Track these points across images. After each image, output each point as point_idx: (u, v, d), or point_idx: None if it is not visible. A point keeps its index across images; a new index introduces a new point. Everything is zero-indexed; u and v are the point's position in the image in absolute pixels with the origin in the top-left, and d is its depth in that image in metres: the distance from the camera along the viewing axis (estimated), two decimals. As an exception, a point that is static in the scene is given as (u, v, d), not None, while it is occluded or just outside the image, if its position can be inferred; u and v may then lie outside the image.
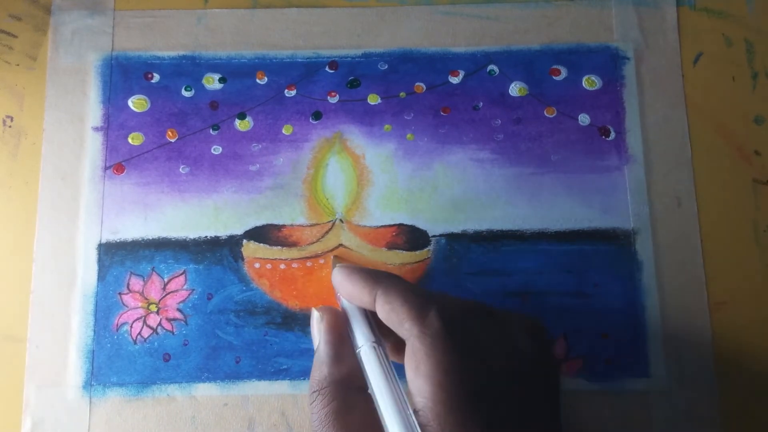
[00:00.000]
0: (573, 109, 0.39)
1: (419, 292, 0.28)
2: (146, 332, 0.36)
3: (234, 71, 0.40)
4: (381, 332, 0.30)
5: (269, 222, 0.38)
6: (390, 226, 0.38)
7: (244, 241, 0.38)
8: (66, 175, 0.38)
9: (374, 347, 0.29)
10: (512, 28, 0.40)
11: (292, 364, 0.36)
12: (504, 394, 0.26)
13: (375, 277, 0.29)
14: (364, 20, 0.40)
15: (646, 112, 0.39)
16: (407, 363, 0.26)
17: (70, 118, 0.39)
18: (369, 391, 0.27)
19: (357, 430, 0.27)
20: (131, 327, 0.37)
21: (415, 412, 0.25)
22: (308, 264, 0.37)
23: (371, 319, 0.30)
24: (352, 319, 0.31)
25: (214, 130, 0.39)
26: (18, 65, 0.40)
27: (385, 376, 0.27)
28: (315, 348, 0.31)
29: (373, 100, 0.39)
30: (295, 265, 0.37)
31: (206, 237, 0.38)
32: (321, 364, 0.29)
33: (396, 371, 0.28)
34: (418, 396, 0.25)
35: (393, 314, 0.27)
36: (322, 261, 0.37)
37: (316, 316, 0.31)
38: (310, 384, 0.29)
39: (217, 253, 0.37)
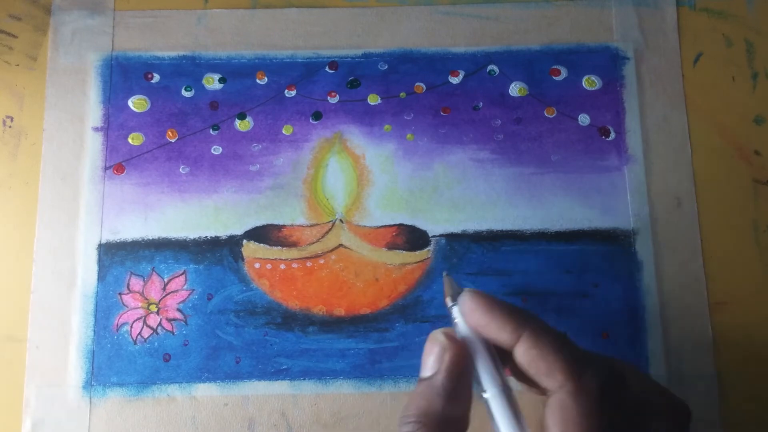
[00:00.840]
0: (573, 109, 0.39)
1: (573, 344, 0.26)
2: (146, 332, 0.36)
3: (234, 71, 0.40)
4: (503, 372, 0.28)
5: (269, 222, 0.38)
6: (390, 226, 0.38)
7: (244, 241, 0.38)
8: (66, 176, 0.38)
9: (506, 392, 0.26)
10: (512, 28, 0.40)
11: (292, 364, 0.36)
12: None
13: (520, 316, 0.27)
14: (364, 20, 0.40)
15: (646, 112, 0.39)
16: (552, 417, 0.25)
17: (70, 118, 0.39)
18: None
19: None
20: (131, 327, 0.37)
21: None
22: (308, 264, 0.37)
23: (497, 358, 0.28)
24: (477, 354, 0.27)
25: (214, 130, 0.39)
26: (18, 65, 0.40)
27: (517, 427, 0.26)
28: (425, 374, 0.28)
29: (373, 100, 0.39)
30: (295, 265, 0.37)
31: (206, 237, 0.38)
32: (434, 395, 0.26)
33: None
34: None
35: (541, 362, 0.25)
36: (322, 261, 0.37)
37: (441, 342, 0.27)
38: (409, 410, 0.26)
39: (217, 253, 0.37)
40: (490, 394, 0.26)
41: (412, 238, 0.38)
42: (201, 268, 0.37)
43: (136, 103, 0.39)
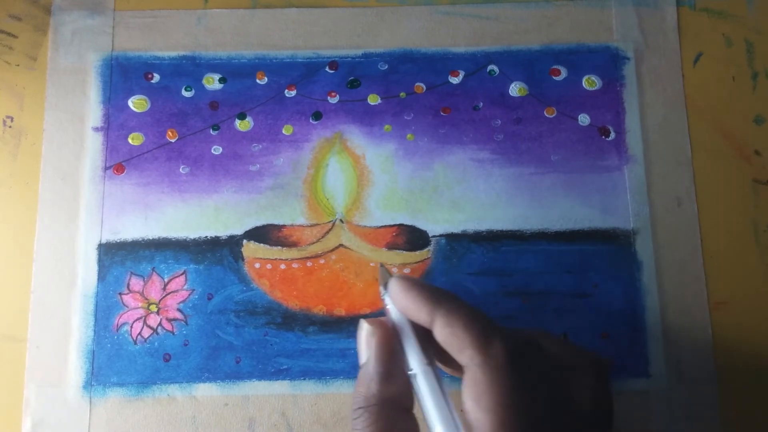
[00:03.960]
0: (573, 109, 0.39)
1: (483, 318, 0.27)
2: (146, 332, 0.36)
3: (234, 71, 0.40)
4: (433, 351, 0.29)
5: (269, 222, 0.38)
6: (390, 226, 0.38)
7: (245, 241, 0.38)
8: (66, 175, 0.38)
9: (429, 370, 0.27)
10: (512, 28, 0.40)
11: (292, 364, 0.36)
12: None
13: (436, 295, 0.28)
14: (364, 20, 0.40)
15: (646, 112, 0.39)
16: (466, 392, 0.26)
17: (70, 118, 0.39)
18: (424, 417, 0.27)
19: None
20: (131, 327, 0.37)
21: None
22: (308, 264, 0.37)
23: (424, 337, 0.29)
24: (404, 336, 0.29)
25: (214, 130, 0.39)
26: (18, 65, 0.40)
27: (441, 403, 0.26)
28: (361, 362, 0.29)
29: (373, 100, 0.39)
30: (295, 265, 0.37)
31: (206, 237, 0.38)
32: (369, 381, 0.28)
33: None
34: (477, 429, 0.25)
35: (454, 339, 0.26)
36: (322, 261, 0.37)
37: (366, 329, 0.29)
38: (355, 399, 0.28)
39: (217, 253, 0.37)
40: (415, 372, 0.28)
41: (412, 238, 0.38)
42: (201, 268, 0.37)
43: (136, 103, 0.39)
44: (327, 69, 0.40)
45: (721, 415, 0.36)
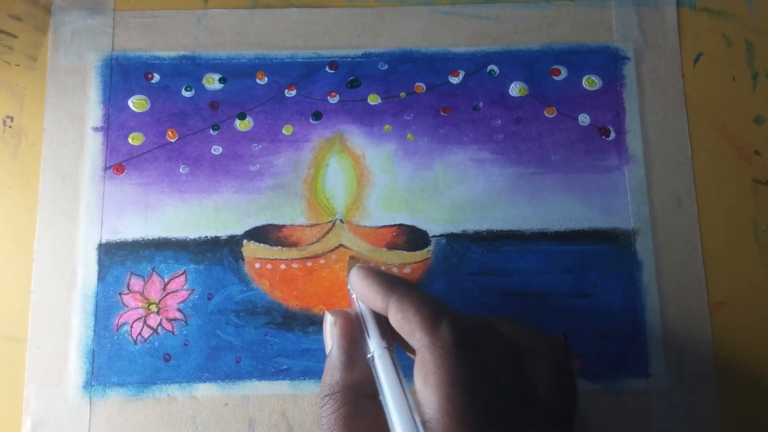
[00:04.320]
0: (573, 109, 0.39)
1: (434, 303, 0.28)
2: (146, 332, 0.36)
3: (234, 71, 0.40)
4: (396, 338, 0.30)
5: (269, 222, 0.38)
6: (390, 226, 0.38)
7: (245, 241, 0.38)
8: (66, 175, 0.38)
9: (386, 353, 0.28)
10: (512, 28, 0.40)
11: (292, 364, 0.36)
12: (511, 414, 0.26)
13: (390, 282, 0.29)
14: (364, 20, 0.40)
15: (646, 112, 0.39)
16: (416, 373, 0.26)
17: (70, 118, 0.39)
18: (381, 399, 0.27)
19: None
20: (131, 327, 0.37)
21: (424, 422, 0.25)
22: (308, 264, 0.37)
23: (385, 323, 0.30)
24: (366, 322, 0.30)
25: (214, 130, 0.39)
26: (18, 65, 0.40)
27: (395, 384, 0.27)
28: (327, 352, 0.31)
29: (373, 100, 0.39)
30: (295, 265, 0.37)
31: (206, 237, 0.38)
32: (333, 369, 0.29)
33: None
34: (426, 407, 0.25)
35: (405, 323, 0.27)
36: (322, 261, 0.37)
37: (329, 319, 0.31)
38: (321, 387, 0.29)
39: (217, 253, 0.37)
40: (373, 355, 0.29)
41: (412, 238, 0.38)
42: (201, 268, 0.37)
43: (136, 103, 0.39)
44: (327, 69, 0.40)
45: (721, 415, 0.36)
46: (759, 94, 0.40)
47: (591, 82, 0.40)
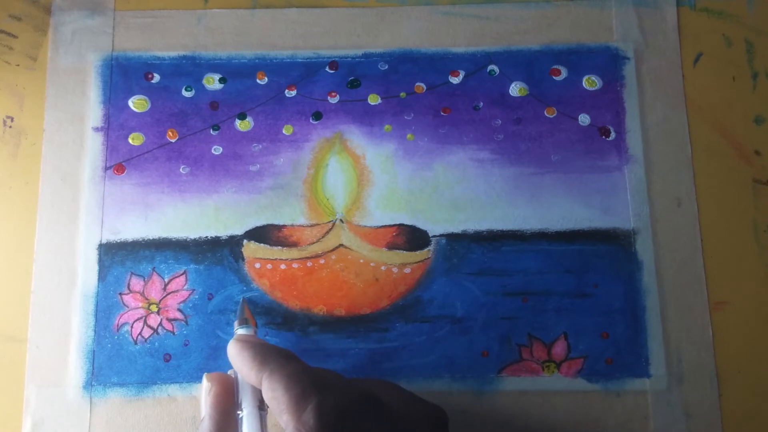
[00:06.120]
0: (573, 109, 0.39)
1: (305, 380, 0.27)
2: (147, 332, 0.36)
3: (234, 71, 0.40)
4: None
5: (269, 222, 0.38)
6: (390, 226, 0.38)
7: (245, 241, 0.38)
8: (66, 176, 0.38)
9: (252, 412, 0.29)
10: (512, 28, 0.40)
11: (292, 364, 0.36)
12: None
13: (264, 357, 0.29)
14: (364, 20, 0.40)
15: (646, 112, 0.39)
16: None
17: (70, 118, 0.39)
18: None
19: None
20: (132, 327, 0.37)
21: None
22: (308, 264, 0.37)
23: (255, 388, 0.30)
24: (241, 383, 0.31)
25: (214, 130, 0.39)
26: (18, 65, 0.40)
27: None
28: (201, 417, 0.31)
29: (374, 100, 0.39)
30: (295, 265, 0.37)
31: (207, 237, 0.38)
32: None
33: None
34: None
35: (274, 402, 0.27)
36: (322, 261, 0.37)
37: (205, 386, 0.32)
38: None
39: (217, 253, 0.37)
40: (241, 415, 0.30)
41: (412, 238, 0.38)
42: (201, 268, 0.37)
43: (137, 103, 0.39)
44: (327, 69, 0.40)
45: (721, 415, 0.36)
46: (759, 94, 0.40)
47: (591, 82, 0.40)
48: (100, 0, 0.40)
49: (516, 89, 0.40)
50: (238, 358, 0.30)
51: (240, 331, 0.33)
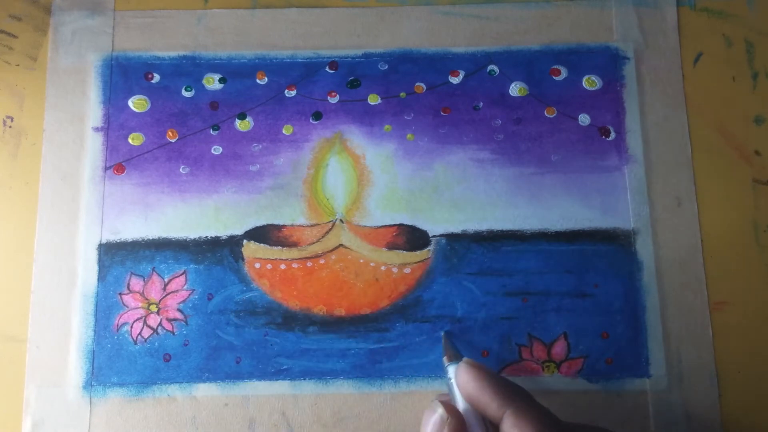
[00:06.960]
0: (573, 109, 0.39)
1: (552, 423, 0.27)
2: (146, 332, 0.36)
3: (234, 71, 0.40)
4: None
5: (269, 222, 0.38)
6: (390, 226, 0.38)
7: (245, 241, 0.38)
8: (66, 176, 0.38)
9: None
10: (512, 28, 0.40)
11: (292, 365, 0.36)
12: None
13: (506, 392, 0.28)
14: (364, 20, 0.40)
15: (646, 112, 0.39)
16: None
17: (70, 118, 0.39)
18: None
19: None
20: (131, 327, 0.37)
21: None
22: (308, 264, 0.37)
23: (488, 424, 0.30)
24: (467, 412, 0.30)
25: (214, 130, 0.39)
26: (18, 65, 0.40)
27: None
28: None
29: (374, 100, 0.39)
30: (295, 265, 0.37)
31: (206, 237, 0.38)
32: None
33: None
34: None
35: None
36: (322, 261, 0.37)
37: (440, 414, 0.30)
38: None
39: (217, 253, 0.37)
40: None
41: (412, 238, 0.38)
42: (201, 268, 0.37)
43: (137, 103, 0.39)
44: (327, 69, 0.40)
45: (721, 415, 0.36)
46: (759, 94, 0.40)
47: (591, 82, 0.40)
48: (100, 0, 0.40)
49: (516, 89, 0.40)
50: (476, 386, 0.29)
51: (451, 369, 0.32)
